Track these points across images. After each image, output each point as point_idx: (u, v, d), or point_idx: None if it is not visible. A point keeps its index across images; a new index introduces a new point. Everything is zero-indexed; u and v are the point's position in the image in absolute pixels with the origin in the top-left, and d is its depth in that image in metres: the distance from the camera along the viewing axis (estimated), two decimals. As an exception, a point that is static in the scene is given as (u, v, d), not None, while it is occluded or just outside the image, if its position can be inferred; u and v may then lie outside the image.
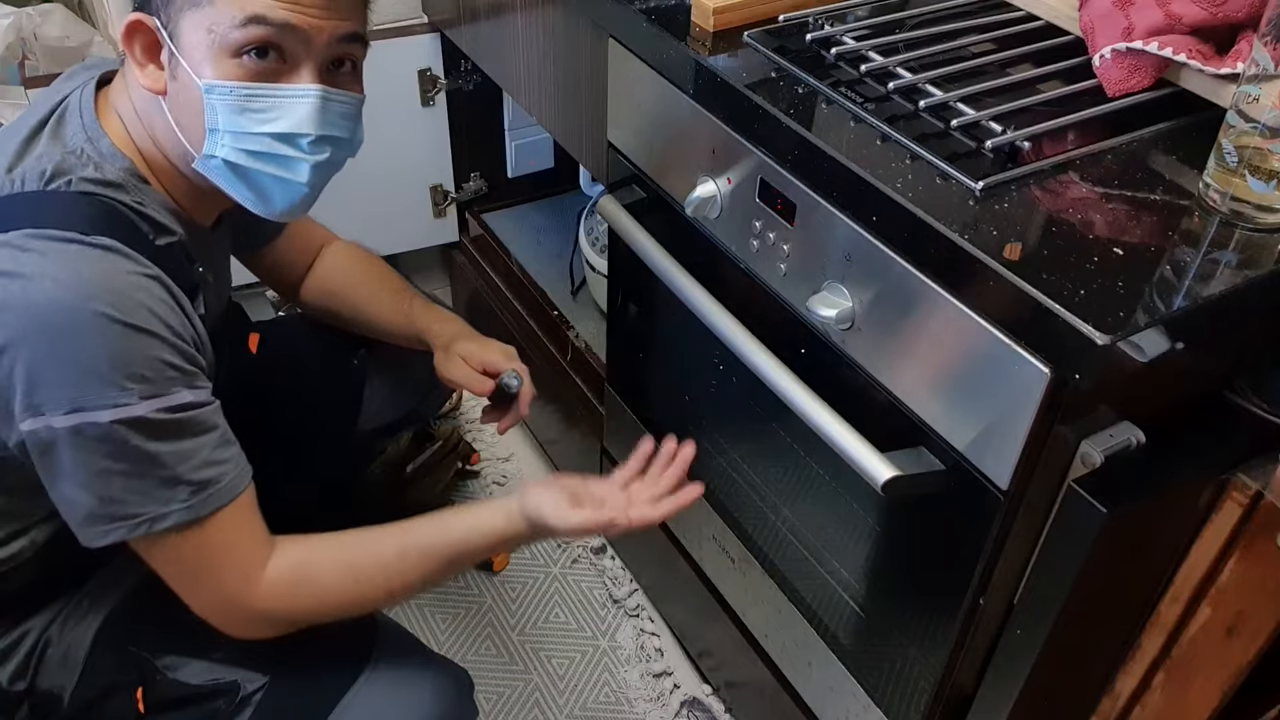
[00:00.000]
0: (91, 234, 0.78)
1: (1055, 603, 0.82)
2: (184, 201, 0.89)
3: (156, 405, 0.78)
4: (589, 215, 1.62)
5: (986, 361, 0.76)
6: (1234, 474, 0.79)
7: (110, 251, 0.78)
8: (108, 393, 0.76)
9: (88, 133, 0.84)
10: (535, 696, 1.45)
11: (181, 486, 0.81)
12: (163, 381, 0.79)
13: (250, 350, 1.17)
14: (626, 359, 1.37)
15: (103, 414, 0.76)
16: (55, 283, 0.75)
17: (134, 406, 0.77)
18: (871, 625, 1.03)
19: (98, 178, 0.82)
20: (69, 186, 0.80)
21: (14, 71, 1.73)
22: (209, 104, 0.80)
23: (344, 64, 0.85)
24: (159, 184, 0.87)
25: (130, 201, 0.83)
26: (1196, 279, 0.72)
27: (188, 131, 0.83)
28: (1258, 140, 0.74)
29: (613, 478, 0.96)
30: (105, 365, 0.76)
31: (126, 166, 0.84)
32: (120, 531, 0.80)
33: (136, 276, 0.79)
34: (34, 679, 0.94)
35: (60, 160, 0.81)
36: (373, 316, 1.23)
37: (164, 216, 0.85)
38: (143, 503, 0.80)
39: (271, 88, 0.81)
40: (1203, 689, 0.89)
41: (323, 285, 1.24)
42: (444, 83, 1.70)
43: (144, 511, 0.80)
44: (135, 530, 0.80)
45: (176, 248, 0.86)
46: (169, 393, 0.79)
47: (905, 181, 0.80)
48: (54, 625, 0.95)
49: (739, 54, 0.97)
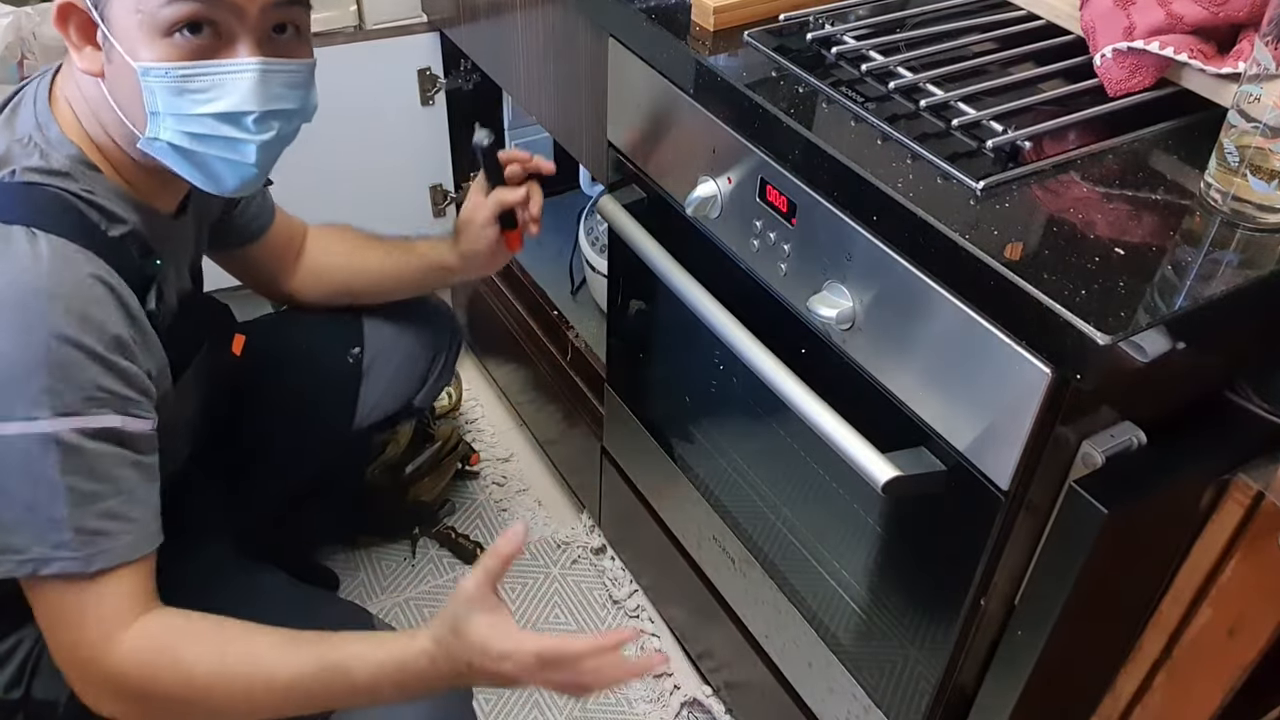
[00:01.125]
0: (35, 227, 0.75)
1: (1056, 603, 0.82)
2: (139, 186, 0.86)
3: (73, 425, 0.74)
4: (589, 215, 1.62)
5: (987, 362, 0.76)
6: (1235, 474, 0.79)
7: (52, 251, 0.75)
8: (16, 404, 0.73)
9: (38, 119, 0.82)
10: (535, 697, 1.45)
11: (74, 534, 0.76)
12: (87, 402, 0.75)
13: (234, 353, 1.16)
14: (626, 359, 1.37)
15: (8, 426, 0.73)
16: None
17: (42, 423, 0.73)
18: (872, 626, 1.03)
19: (42, 166, 0.79)
20: (12, 177, 0.78)
21: (13, 71, 1.73)
22: (146, 87, 0.78)
23: (285, 29, 0.82)
24: (111, 170, 0.84)
25: (79, 190, 0.80)
26: (1198, 279, 0.72)
27: (129, 113, 0.80)
28: (1259, 140, 0.73)
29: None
30: (20, 375, 0.73)
31: (74, 154, 0.82)
32: (8, 566, 0.77)
33: (78, 280, 0.76)
34: (29, 687, 0.93)
35: (5, 150, 0.80)
36: (386, 273, 1.22)
37: (116, 204, 0.83)
38: (29, 542, 0.76)
39: (207, 65, 0.78)
40: (1204, 690, 0.88)
41: (318, 264, 1.22)
42: (444, 82, 1.70)
43: (29, 553, 0.76)
44: (21, 568, 0.77)
45: (130, 238, 0.84)
46: (90, 414, 0.75)
47: (906, 181, 0.80)
48: None
49: (739, 53, 0.97)
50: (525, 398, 1.78)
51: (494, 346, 1.83)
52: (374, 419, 1.29)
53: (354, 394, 1.25)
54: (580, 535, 1.67)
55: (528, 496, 1.74)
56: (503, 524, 1.69)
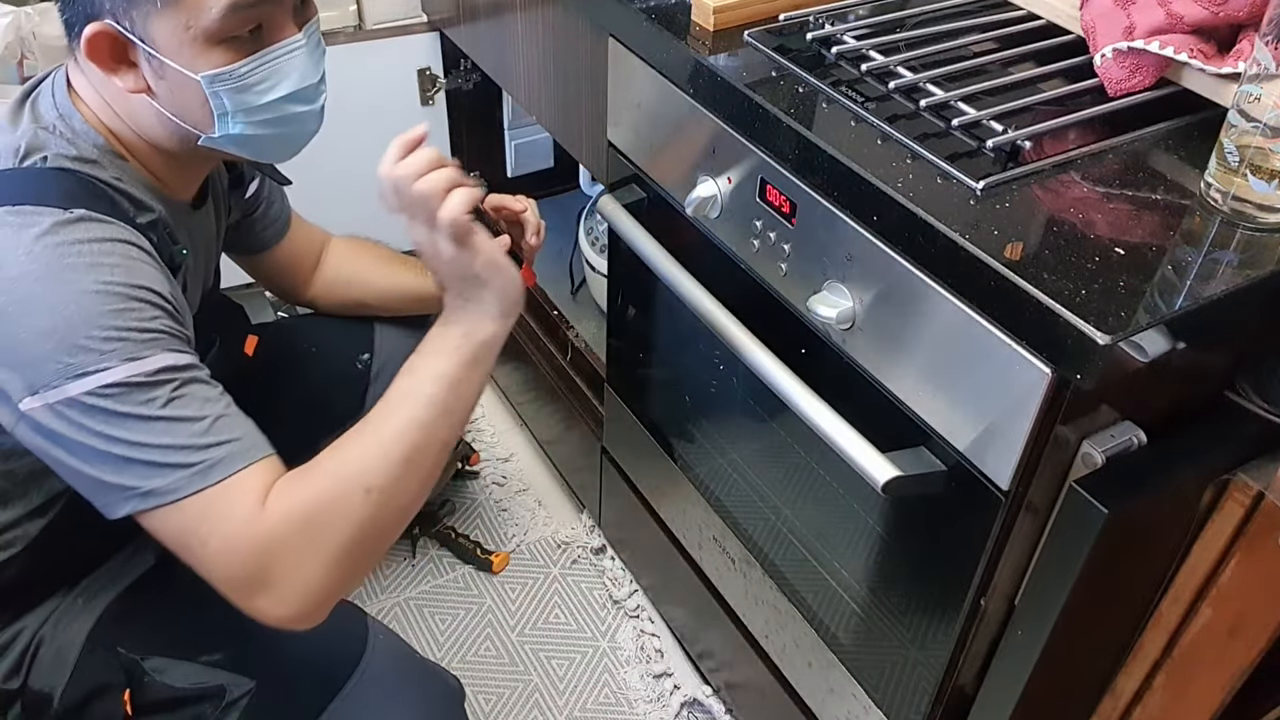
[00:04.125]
0: (70, 207, 0.76)
1: (1056, 603, 0.81)
2: (162, 175, 0.89)
3: (142, 368, 0.75)
4: (589, 215, 1.62)
5: (987, 361, 0.76)
6: (1235, 474, 0.79)
7: (87, 220, 0.77)
8: (88, 358, 0.73)
9: (60, 110, 0.83)
10: (535, 697, 1.45)
11: (188, 451, 0.76)
12: (152, 342, 0.76)
13: (246, 354, 1.16)
14: (626, 359, 1.37)
15: (88, 381, 0.73)
16: (28, 254, 0.74)
17: (117, 370, 0.74)
18: (872, 626, 1.03)
19: (74, 154, 0.81)
20: (45, 163, 0.79)
21: (13, 71, 1.73)
22: (213, 94, 0.81)
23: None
24: (134, 160, 0.86)
25: (108, 178, 0.82)
26: (1198, 279, 0.72)
27: (191, 119, 0.83)
28: (1259, 140, 0.73)
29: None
30: (83, 329, 0.73)
31: (100, 144, 0.83)
32: (132, 503, 0.76)
33: (114, 241, 0.77)
34: (27, 678, 0.94)
35: (34, 136, 0.81)
36: (404, 293, 1.25)
37: (142, 193, 0.85)
38: (141, 480, 0.76)
39: (264, 56, 0.82)
40: (1204, 690, 0.88)
41: (337, 276, 1.25)
42: (444, 82, 1.70)
43: (147, 485, 0.75)
44: (144, 501, 0.76)
45: (159, 224, 0.85)
46: (158, 353, 0.76)
47: (906, 181, 0.80)
48: (47, 624, 0.94)
49: (739, 53, 0.97)
50: (525, 398, 1.78)
51: (494, 346, 1.83)
52: None
53: (360, 400, 1.25)
54: (580, 535, 1.67)
55: (528, 496, 1.74)
56: (503, 524, 1.69)
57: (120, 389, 0.74)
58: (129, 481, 0.76)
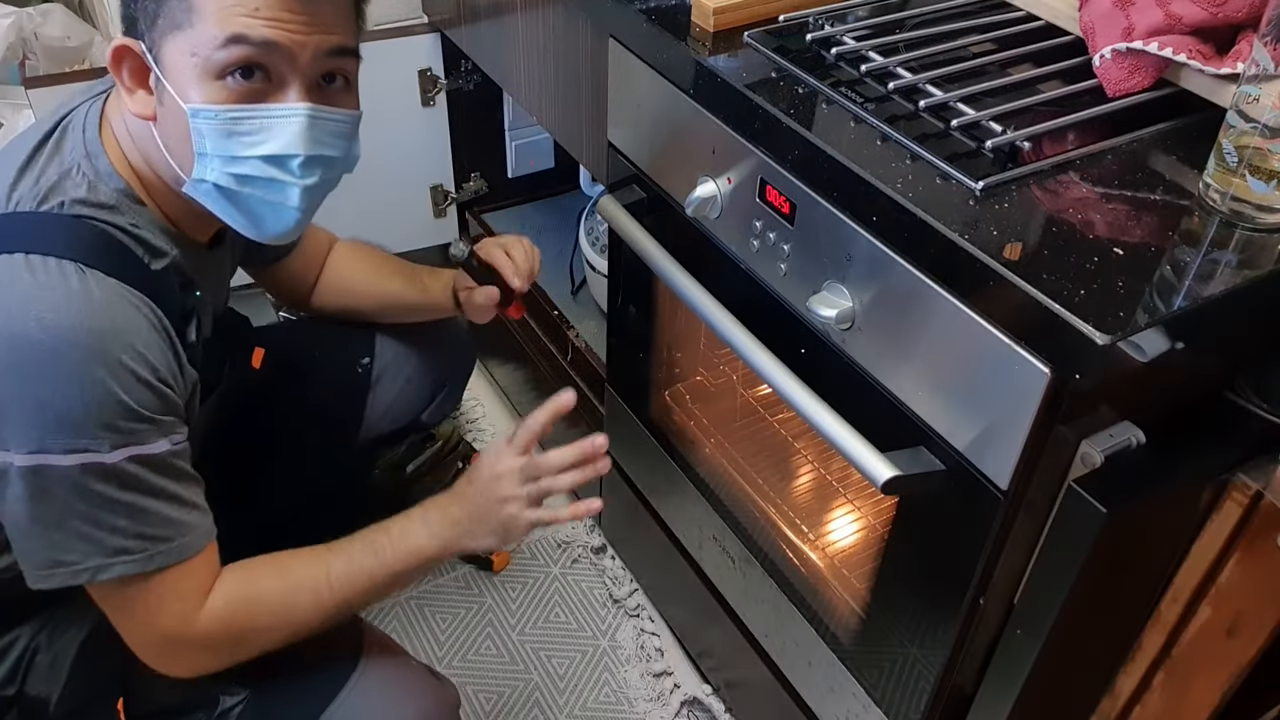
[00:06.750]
0: (84, 264, 0.77)
1: (1055, 603, 0.82)
2: (180, 220, 0.88)
3: (130, 454, 0.77)
4: (589, 215, 1.62)
5: (986, 361, 0.76)
6: (1234, 474, 0.79)
7: (102, 289, 0.77)
8: (78, 439, 0.75)
9: (87, 149, 0.83)
10: (535, 696, 1.45)
11: (134, 540, 0.79)
12: (142, 432, 0.78)
13: (253, 366, 1.16)
14: (626, 359, 1.37)
15: (68, 459, 0.75)
16: (39, 322, 0.74)
17: (102, 455, 0.76)
18: (871, 625, 1.03)
19: (90, 199, 0.81)
20: (62, 209, 0.79)
21: (14, 71, 1.73)
22: (195, 128, 0.79)
23: (335, 79, 0.83)
24: (153, 203, 0.86)
25: (125, 224, 0.82)
26: (1196, 279, 0.72)
27: (177, 156, 0.82)
28: (1258, 140, 0.74)
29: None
30: (80, 412, 0.75)
31: (121, 188, 0.83)
32: (63, 577, 0.79)
33: (125, 315, 0.78)
34: (23, 684, 0.94)
35: (56, 180, 0.81)
36: (396, 303, 1.25)
37: (158, 238, 0.84)
38: (90, 553, 0.78)
39: (257, 109, 0.79)
40: (1203, 689, 0.89)
41: (339, 285, 1.25)
42: (444, 83, 1.70)
43: (89, 563, 0.79)
44: (78, 577, 0.79)
45: (171, 270, 0.85)
46: (146, 442, 0.78)
47: (905, 181, 0.80)
48: (44, 632, 0.94)
49: (739, 54, 0.97)
50: (526, 398, 1.78)
51: (495, 346, 1.83)
52: (381, 430, 1.30)
53: (361, 404, 1.25)
54: (580, 535, 1.67)
55: (528, 496, 1.74)
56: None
57: (101, 471, 0.76)
58: (68, 557, 0.79)
